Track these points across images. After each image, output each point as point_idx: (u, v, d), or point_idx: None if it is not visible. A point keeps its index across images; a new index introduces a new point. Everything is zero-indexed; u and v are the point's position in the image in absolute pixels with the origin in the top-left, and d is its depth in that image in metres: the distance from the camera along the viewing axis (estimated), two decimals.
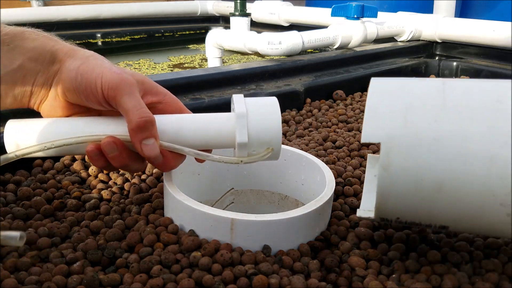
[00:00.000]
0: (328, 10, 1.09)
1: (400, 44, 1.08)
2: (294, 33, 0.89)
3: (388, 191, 0.28)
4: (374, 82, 0.30)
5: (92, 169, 0.51)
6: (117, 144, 0.33)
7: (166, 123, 0.35)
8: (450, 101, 0.28)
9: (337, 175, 0.51)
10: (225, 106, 0.65)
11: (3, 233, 0.28)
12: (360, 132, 0.59)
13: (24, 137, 0.35)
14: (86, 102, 0.34)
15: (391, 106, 0.28)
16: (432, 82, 0.30)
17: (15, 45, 0.32)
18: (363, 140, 0.28)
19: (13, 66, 0.32)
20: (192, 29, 1.82)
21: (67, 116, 0.37)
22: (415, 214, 0.30)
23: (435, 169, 0.27)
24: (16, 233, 0.27)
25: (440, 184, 0.27)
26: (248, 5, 1.14)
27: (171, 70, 1.38)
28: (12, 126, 0.35)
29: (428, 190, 0.28)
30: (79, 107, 0.36)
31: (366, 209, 0.34)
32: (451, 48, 1.07)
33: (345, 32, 0.97)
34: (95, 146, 0.33)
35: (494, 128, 0.26)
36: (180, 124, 0.36)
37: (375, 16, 0.99)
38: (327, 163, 0.51)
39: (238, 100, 0.36)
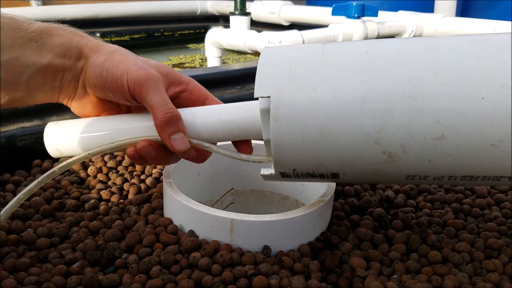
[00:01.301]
0: (329, 9, 1.09)
1: None
2: (294, 32, 0.89)
3: (280, 141, 0.31)
4: (265, 48, 0.34)
5: (91, 169, 0.51)
6: (153, 145, 0.34)
7: (193, 117, 0.35)
8: (327, 55, 0.31)
9: None
10: None
11: None
12: None
13: (63, 142, 0.36)
14: (113, 98, 0.34)
15: (278, 64, 0.31)
16: (313, 45, 0.33)
17: (43, 42, 0.33)
18: (255, 95, 0.31)
19: (43, 63, 0.32)
20: (191, 29, 1.82)
21: (98, 112, 0.37)
22: (307, 163, 0.31)
23: (316, 115, 0.29)
24: None
25: (321, 128, 0.30)
26: (248, 4, 1.14)
27: None
28: (51, 130, 0.36)
29: (312, 136, 0.30)
30: (108, 102, 0.36)
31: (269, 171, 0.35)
32: None
33: (346, 31, 0.96)
34: (134, 150, 0.34)
35: (362, 73, 0.29)
36: (206, 117, 0.35)
37: (375, 15, 0.99)
38: None
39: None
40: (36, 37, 0.32)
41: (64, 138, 0.35)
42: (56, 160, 0.53)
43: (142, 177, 0.50)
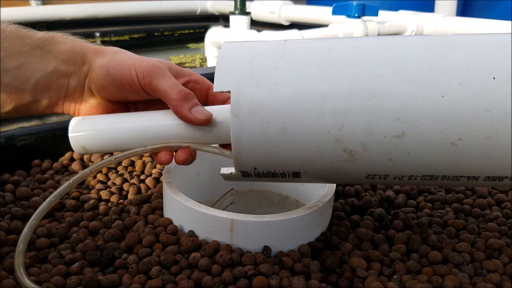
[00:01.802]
0: (329, 9, 1.09)
1: None
2: (294, 31, 0.89)
3: (241, 138, 0.30)
4: (225, 42, 0.33)
5: None
6: (191, 153, 0.35)
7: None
8: (288, 51, 0.30)
9: None
10: None
11: None
12: None
13: (90, 139, 0.35)
14: (122, 95, 0.35)
15: (238, 58, 0.31)
16: (275, 40, 0.33)
17: (48, 49, 0.33)
18: (214, 90, 0.30)
19: (48, 69, 0.33)
20: (191, 28, 1.82)
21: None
22: (268, 161, 0.31)
23: (277, 111, 0.29)
24: None
25: (283, 126, 0.29)
26: (248, 3, 1.14)
27: None
28: (77, 125, 0.35)
29: (273, 133, 0.29)
30: (116, 104, 0.37)
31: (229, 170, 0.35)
32: None
33: (346, 31, 0.96)
34: (170, 156, 0.35)
35: (323, 70, 0.29)
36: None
37: (376, 14, 0.99)
38: None
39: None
40: (41, 44, 0.33)
41: (91, 135, 0.35)
42: (55, 161, 0.53)
43: (142, 177, 0.50)
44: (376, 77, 0.28)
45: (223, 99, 0.38)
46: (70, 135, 0.35)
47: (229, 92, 0.30)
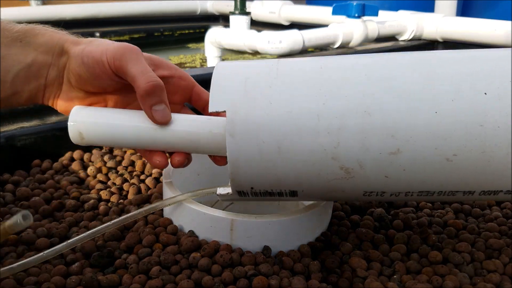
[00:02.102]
0: (329, 9, 1.09)
1: (401, 43, 1.08)
2: (294, 32, 0.89)
3: (237, 158, 0.30)
4: (219, 63, 0.34)
5: (91, 170, 0.50)
6: (186, 156, 0.35)
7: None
8: (282, 70, 0.31)
9: None
10: None
11: (7, 222, 0.29)
12: None
13: (89, 129, 0.34)
14: (97, 84, 0.34)
15: (233, 79, 0.31)
16: (268, 60, 0.33)
17: (28, 41, 0.33)
18: (210, 110, 0.30)
19: (27, 61, 0.33)
20: (191, 28, 1.82)
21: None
22: (265, 180, 0.31)
23: (273, 130, 0.29)
24: (16, 216, 0.28)
25: (278, 144, 0.29)
26: (248, 3, 1.14)
27: None
28: (78, 114, 0.34)
29: (269, 152, 0.29)
30: (95, 96, 0.36)
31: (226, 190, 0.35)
32: (453, 47, 1.07)
33: (346, 31, 0.96)
34: (164, 159, 0.35)
35: (317, 88, 0.29)
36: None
37: (376, 14, 0.99)
38: None
39: None
40: (21, 36, 0.33)
41: (91, 125, 0.34)
42: (55, 161, 0.53)
43: (142, 177, 0.50)
44: (370, 95, 0.29)
45: (207, 99, 0.37)
46: (69, 123, 0.34)
47: (224, 112, 0.30)
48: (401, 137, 0.28)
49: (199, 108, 0.38)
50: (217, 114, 0.31)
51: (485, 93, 0.28)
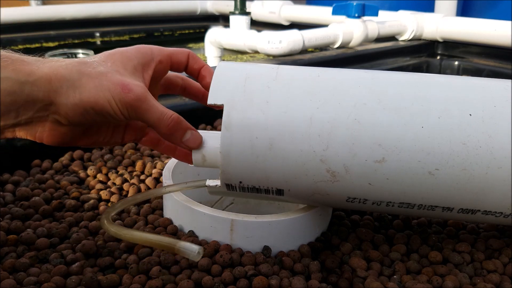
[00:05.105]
0: (329, 9, 1.09)
1: (401, 43, 1.08)
2: (294, 31, 0.89)
3: (229, 150, 0.31)
4: (221, 62, 0.35)
5: (91, 170, 0.50)
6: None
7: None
8: (281, 74, 0.33)
9: None
10: None
11: (182, 243, 0.30)
12: None
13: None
14: (102, 121, 0.31)
15: (233, 75, 0.32)
16: (269, 64, 0.35)
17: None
18: (209, 102, 0.31)
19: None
20: (191, 28, 1.82)
21: (78, 136, 0.33)
22: (254, 176, 0.32)
23: (267, 128, 0.30)
24: (195, 247, 0.31)
25: (270, 142, 0.30)
26: (248, 3, 1.13)
27: None
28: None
29: (261, 148, 0.31)
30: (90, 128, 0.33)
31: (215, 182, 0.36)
32: (453, 47, 1.07)
33: (346, 30, 0.96)
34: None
35: (313, 94, 0.31)
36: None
37: (376, 14, 0.98)
38: None
39: None
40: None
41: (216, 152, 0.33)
42: (55, 161, 0.53)
43: (142, 177, 0.50)
44: (361, 105, 0.30)
45: (198, 68, 0.36)
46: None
47: (222, 105, 0.31)
48: (387, 146, 0.30)
49: (195, 71, 0.36)
50: (214, 106, 0.32)
51: (470, 115, 0.30)
